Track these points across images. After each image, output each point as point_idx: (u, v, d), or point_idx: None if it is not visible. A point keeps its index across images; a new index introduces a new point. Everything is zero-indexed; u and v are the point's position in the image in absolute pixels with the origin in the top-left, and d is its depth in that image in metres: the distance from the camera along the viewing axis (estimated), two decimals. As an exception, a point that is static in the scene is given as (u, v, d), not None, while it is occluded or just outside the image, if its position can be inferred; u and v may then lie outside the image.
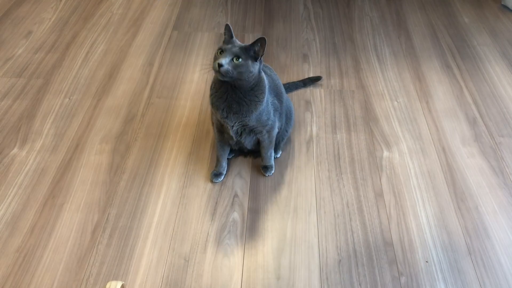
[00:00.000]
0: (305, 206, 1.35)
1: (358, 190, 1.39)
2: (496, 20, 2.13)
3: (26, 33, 2.01)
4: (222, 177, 1.41)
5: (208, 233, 1.27)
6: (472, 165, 1.47)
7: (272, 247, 1.25)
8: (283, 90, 1.41)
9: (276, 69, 1.83)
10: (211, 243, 1.25)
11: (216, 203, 1.35)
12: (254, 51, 1.19)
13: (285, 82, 1.75)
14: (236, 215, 1.33)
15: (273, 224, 1.30)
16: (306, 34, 2.04)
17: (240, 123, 1.28)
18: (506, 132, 1.58)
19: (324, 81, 1.78)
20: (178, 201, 1.36)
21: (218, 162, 1.42)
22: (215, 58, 1.19)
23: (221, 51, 1.19)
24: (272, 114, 1.33)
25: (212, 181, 1.40)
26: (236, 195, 1.38)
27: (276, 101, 1.35)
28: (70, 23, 2.07)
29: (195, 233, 1.28)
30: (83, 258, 1.21)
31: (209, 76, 1.79)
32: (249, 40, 1.98)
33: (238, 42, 1.22)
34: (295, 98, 1.70)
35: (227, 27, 1.23)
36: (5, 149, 1.49)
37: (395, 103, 1.69)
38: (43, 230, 1.27)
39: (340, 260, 1.22)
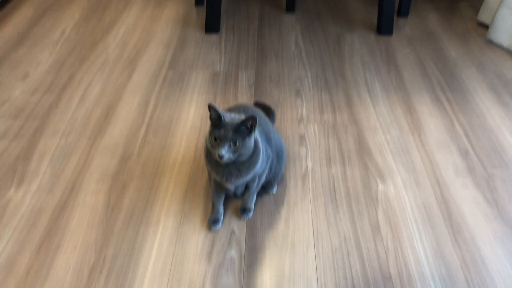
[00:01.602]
0: (303, 242, 1.35)
1: (355, 224, 1.40)
2: (482, 54, 2.19)
3: (23, 75, 2.04)
4: (220, 223, 1.39)
5: (205, 272, 1.27)
6: (466, 197, 1.48)
7: (271, 284, 1.24)
8: (272, 134, 1.41)
9: (270, 105, 1.85)
10: (209, 281, 1.24)
11: (213, 241, 1.35)
12: (246, 127, 1.19)
13: (278, 117, 1.78)
14: (233, 252, 1.32)
15: (271, 260, 1.30)
16: (298, 70, 2.08)
17: (240, 182, 1.31)
18: (498, 163, 1.61)
19: (317, 116, 1.81)
20: (174, 240, 1.35)
21: (214, 208, 1.40)
22: (212, 146, 1.19)
23: (215, 138, 1.18)
24: (265, 162, 1.35)
25: (210, 229, 1.37)
26: (233, 232, 1.38)
27: (268, 149, 1.37)
28: (66, 64, 2.11)
29: (192, 272, 1.27)
30: (79, 300, 1.19)
31: (205, 113, 1.82)
32: (242, 78, 2.02)
33: (227, 119, 1.19)
34: (289, 133, 1.72)
35: (211, 108, 1.18)
36: (1, 190, 1.49)
37: (388, 136, 1.72)
38: (39, 272, 1.26)
39: (339, 296, 1.21)
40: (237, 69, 2.09)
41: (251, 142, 1.21)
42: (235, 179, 1.28)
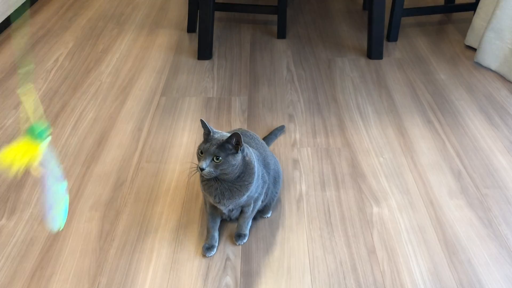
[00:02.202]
0: (299, 267, 1.34)
1: (351, 248, 1.39)
2: (470, 76, 2.23)
3: (16, 103, 2.04)
4: (215, 249, 1.37)
5: (201, 299, 1.25)
6: (461, 218, 1.49)
7: (267, 310, 1.22)
8: (269, 160, 1.43)
9: (263, 130, 1.87)
10: (205, 309, 1.23)
11: (208, 267, 1.34)
12: (232, 145, 1.22)
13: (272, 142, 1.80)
14: (228, 279, 1.31)
15: (267, 286, 1.28)
16: (290, 95, 2.11)
17: (234, 205, 1.32)
18: (491, 183, 1.61)
19: (310, 140, 1.82)
20: (169, 267, 1.34)
21: (209, 233, 1.39)
22: (198, 159, 1.23)
23: (201, 152, 1.23)
24: (260, 187, 1.36)
25: (204, 256, 1.36)
26: (228, 258, 1.36)
27: (265, 174, 1.38)
28: (59, 93, 2.12)
29: (187, 299, 1.25)
30: (72, 331, 1.17)
31: (198, 138, 1.82)
32: (235, 104, 2.04)
33: (217, 136, 1.24)
34: (283, 157, 1.73)
35: (202, 124, 1.25)
36: (-8, 220, 1.48)
37: (381, 159, 1.73)
38: (30, 303, 1.23)
39: (336, 321, 1.19)
40: (230, 95, 2.11)
41: (235, 160, 1.23)
42: (227, 200, 1.28)
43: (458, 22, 2.75)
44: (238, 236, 1.40)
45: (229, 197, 1.28)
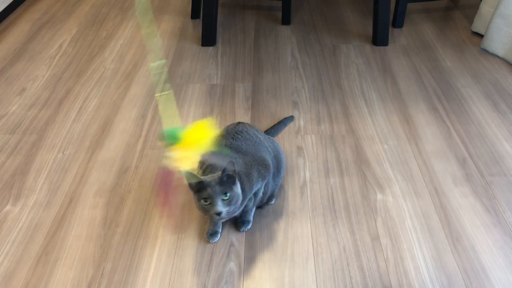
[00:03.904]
0: (302, 253, 1.34)
1: (355, 235, 1.39)
2: (477, 62, 2.21)
3: (20, 90, 2.04)
4: (219, 236, 1.37)
5: (205, 284, 1.26)
6: (465, 205, 1.48)
7: (271, 296, 1.23)
8: (264, 153, 1.36)
9: (267, 117, 1.86)
10: (208, 294, 1.23)
11: (212, 253, 1.34)
12: (228, 176, 1.18)
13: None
14: (232, 265, 1.31)
15: (271, 273, 1.29)
16: (295, 82, 2.09)
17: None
18: (496, 170, 1.61)
19: (314, 127, 1.81)
20: (173, 253, 1.34)
21: (211, 221, 1.39)
22: (205, 209, 1.17)
23: (205, 200, 1.17)
24: (258, 184, 1.34)
25: (208, 242, 1.36)
26: (232, 244, 1.37)
27: (262, 170, 1.33)
28: (63, 79, 2.11)
29: (191, 285, 1.26)
30: (77, 316, 1.18)
31: (202, 126, 1.82)
32: (239, 90, 2.03)
33: (208, 179, 1.16)
34: (286, 145, 1.72)
35: (190, 177, 1.16)
36: (-2, 206, 1.49)
37: (385, 146, 1.72)
38: (36, 287, 1.25)
39: (340, 307, 1.20)
40: (234, 81, 2.10)
41: (238, 188, 1.21)
42: (228, 217, 1.27)
43: (465, 8, 2.72)
44: (241, 223, 1.40)
45: (231, 214, 1.26)
